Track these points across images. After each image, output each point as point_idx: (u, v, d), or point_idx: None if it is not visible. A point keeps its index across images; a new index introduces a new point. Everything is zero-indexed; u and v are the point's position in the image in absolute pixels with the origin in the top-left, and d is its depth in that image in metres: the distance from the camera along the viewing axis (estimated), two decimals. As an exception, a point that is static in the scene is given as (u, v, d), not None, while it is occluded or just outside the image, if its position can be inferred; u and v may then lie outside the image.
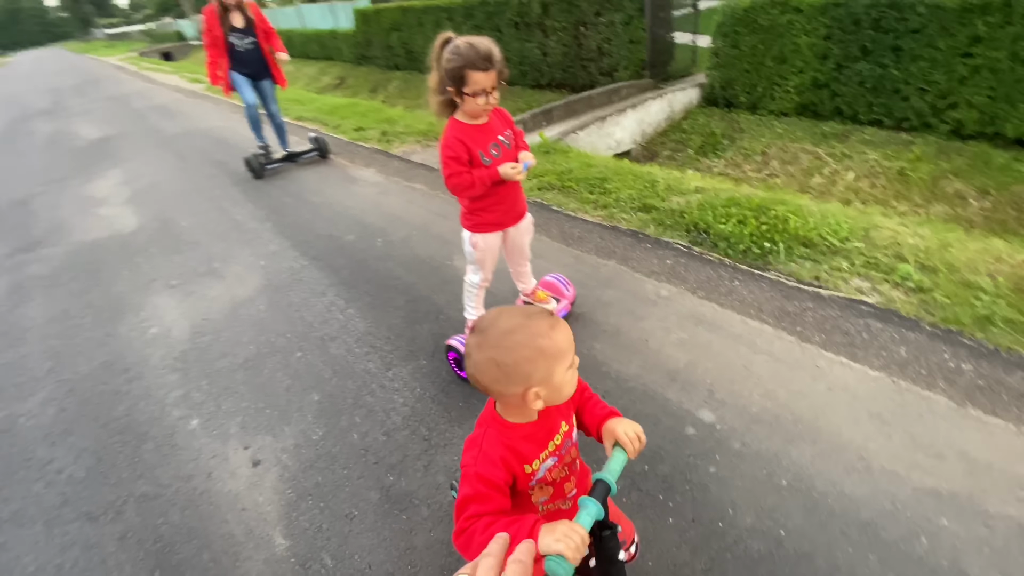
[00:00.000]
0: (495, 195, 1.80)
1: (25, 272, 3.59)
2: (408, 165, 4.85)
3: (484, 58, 1.53)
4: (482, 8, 9.23)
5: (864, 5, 4.90)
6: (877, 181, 4.74)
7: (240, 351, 2.45)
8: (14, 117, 11.41)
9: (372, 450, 1.84)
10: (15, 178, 6.17)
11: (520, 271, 2.19)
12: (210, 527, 1.64)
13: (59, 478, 1.89)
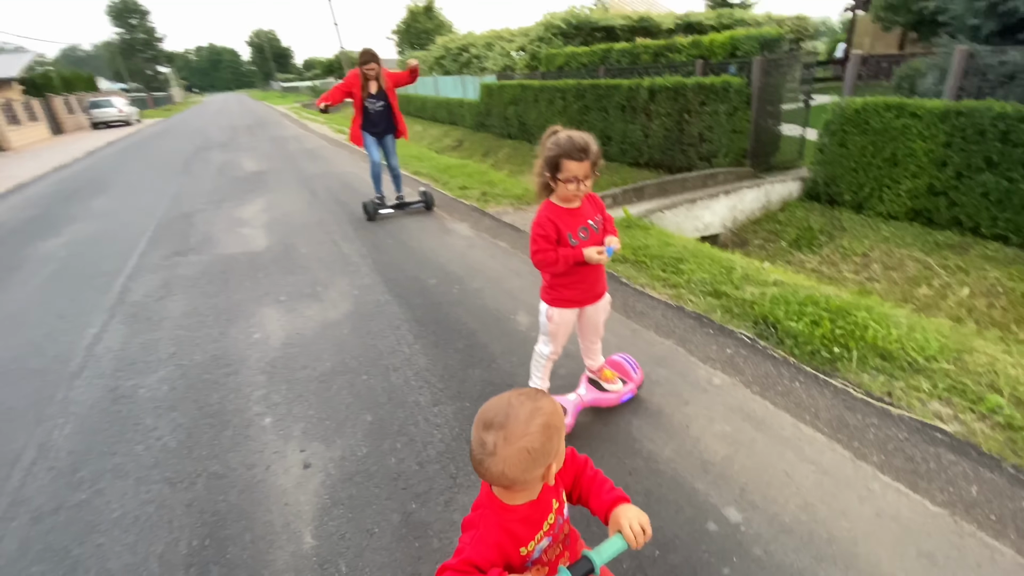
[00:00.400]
0: (577, 274, 1.88)
1: (176, 272, 4.39)
2: (498, 224, 5.25)
3: (579, 150, 1.68)
4: (592, 91, 9.91)
5: (990, 117, 4.60)
6: (997, 301, 4.23)
7: (318, 365, 2.79)
8: (199, 146, 14.02)
9: (404, 476, 2.00)
10: (188, 196, 7.56)
11: (591, 347, 2.22)
12: (257, 513, 1.88)
13: (156, 444, 2.27)
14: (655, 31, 16.95)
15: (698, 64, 8.17)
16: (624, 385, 2.26)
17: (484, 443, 0.83)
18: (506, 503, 0.91)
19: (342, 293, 3.72)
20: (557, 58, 13.79)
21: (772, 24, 19.69)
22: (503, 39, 18.96)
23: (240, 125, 19.81)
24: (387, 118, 5.25)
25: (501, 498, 0.91)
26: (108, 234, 5.91)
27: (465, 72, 20.35)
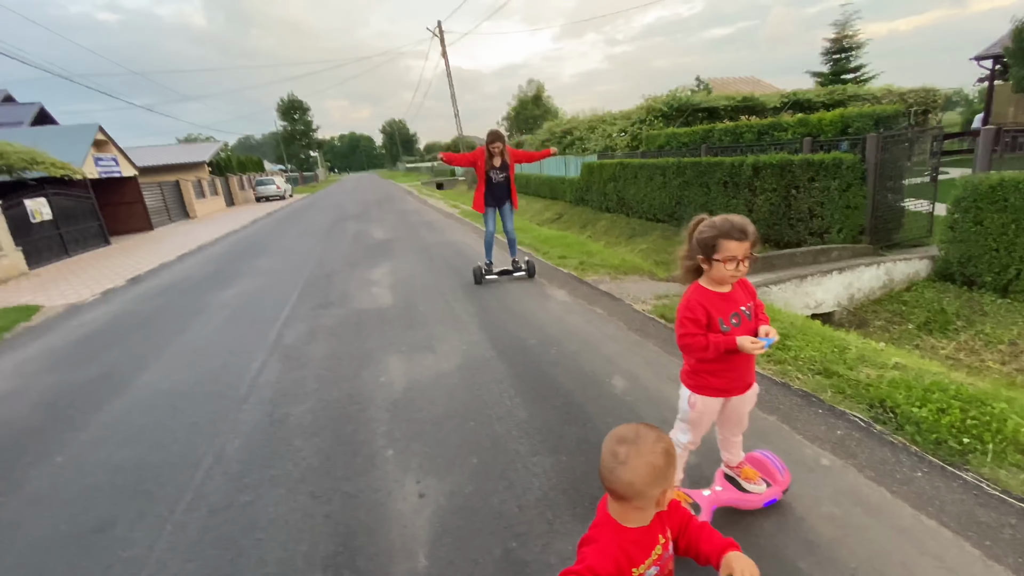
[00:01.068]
0: (727, 362, 1.77)
1: (319, 321, 5.18)
2: (595, 292, 5.49)
3: (739, 230, 1.65)
4: (693, 168, 10.11)
5: None
6: None
7: (432, 409, 3.14)
8: (337, 217, 16.29)
9: (505, 516, 2.18)
10: (328, 259, 8.85)
11: (731, 440, 2.06)
12: (380, 531, 2.17)
13: (302, 463, 2.71)
14: (760, 110, 16.97)
15: (805, 142, 8.08)
16: (768, 487, 2.04)
17: (616, 454, 1.01)
18: (621, 524, 1.06)
19: (453, 347, 4.14)
20: (658, 138, 14.31)
21: (893, 98, 18.75)
22: (605, 122, 20.10)
23: (371, 200, 22.72)
24: (507, 189, 5.89)
25: (617, 519, 1.06)
26: (267, 288, 7.10)
27: (568, 152, 21.69)
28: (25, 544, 2.30)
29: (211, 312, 6.06)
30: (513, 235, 6.22)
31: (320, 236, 12.25)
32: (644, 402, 3.04)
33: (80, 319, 6.50)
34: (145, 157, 23.39)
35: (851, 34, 26.18)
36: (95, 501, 2.56)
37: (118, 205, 17.97)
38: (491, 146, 5.61)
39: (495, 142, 5.61)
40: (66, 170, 13.31)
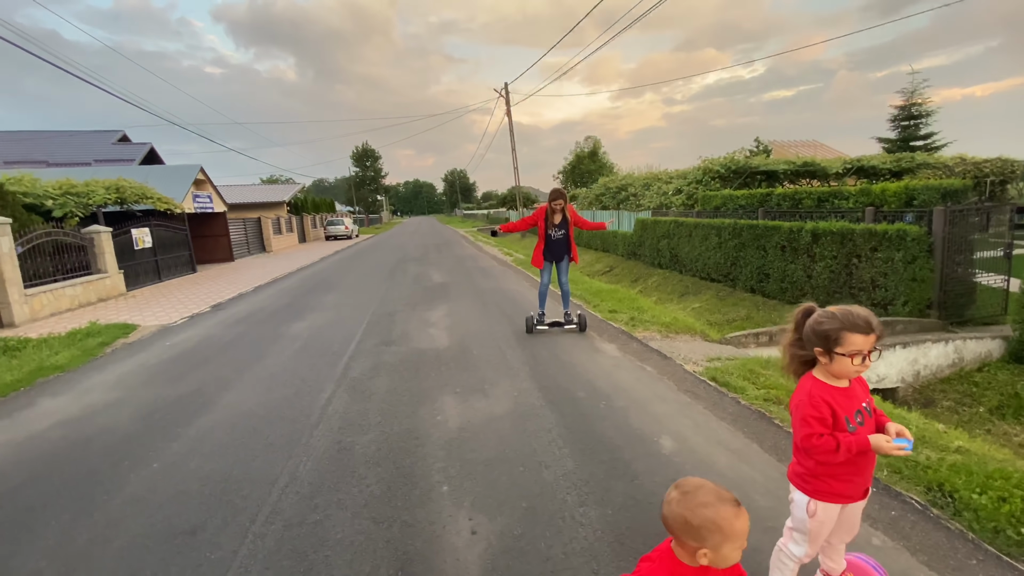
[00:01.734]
0: (855, 464, 1.65)
1: (382, 358, 5.56)
2: (644, 348, 5.58)
3: (865, 321, 1.57)
4: (750, 230, 10.11)
5: None
6: None
7: (484, 451, 3.33)
8: (399, 259, 17.23)
9: (552, 561, 2.31)
10: (391, 299, 9.42)
11: (837, 547, 1.92)
12: (435, 561, 2.35)
13: (366, 490, 2.95)
14: (821, 175, 16.75)
15: (868, 211, 7.98)
16: None
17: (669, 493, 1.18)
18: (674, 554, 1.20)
19: (505, 392, 4.35)
20: (714, 199, 14.40)
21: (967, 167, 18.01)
22: (660, 180, 20.42)
23: (430, 244, 23.87)
24: (565, 246, 6.16)
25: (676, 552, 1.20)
26: (336, 322, 7.65)
27: (622, 208, 22.05)
28: (125, 539, 2.64)
29: (285, 342, 6.61)
30: (567, 288, 6.41)
31: (383, 276, 13.01)
32: (692, 464, 3.10)
33: (171, 339, 7.24)
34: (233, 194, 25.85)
35: (919, 101, 25.63)
36: (186, 506, 2.90)
37: (207, 237, 19.86)
38: (553, 203, 5.92)
39: (557, 199, 5.89)
40: (169, 205, 15.04)
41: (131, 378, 5.48)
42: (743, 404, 3.99)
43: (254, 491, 3.01)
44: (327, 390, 4.64)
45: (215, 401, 4.56)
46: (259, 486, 3.06)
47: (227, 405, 4.45)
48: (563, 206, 5.96)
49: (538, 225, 6.05)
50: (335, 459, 3.34)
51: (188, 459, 3.47)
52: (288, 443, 3.62)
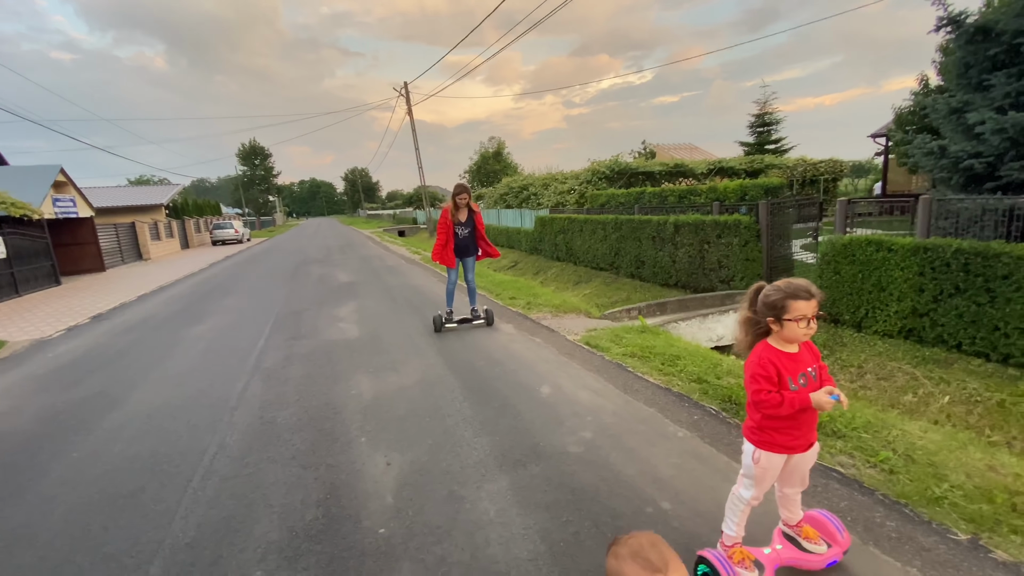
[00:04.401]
0: (794, 419, 1.81)
1: (293, 350, 5.87)
2: (536, 326, 6.47)
3: (806, 290, 1.72)
4: (628, 224, 11.59)
5: (952, 251, 5.53)
6: (974, 409, 4.74)
7: (397, 411, 3.94)
8: (299, 261, 16.83)
9: (451, 472, 2.99)
10: (295, 299, 9.49)
11: (791, 498, 2.09)
12: (358, 484, 2.93)
13: (293, 448, 3.43)
14: (690, 175, 19.22)
15: (715, 205, 9.67)
16: (829, 548, 2.04)
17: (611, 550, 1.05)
18: None
19: (414, 368, 4.96)
20: (599, 197, 15.97)
21: (806, 167, 21.60)
22: (557, 180, 21.96)
23: (333, 245, 23.34)
24: (472, 242, 6.26)
25: None
26: (240, 324, 7.68)
27: (524, 206, 23.31)
28: (65, 509, 2.90)
29: (187, 344, 6.60)
30: (474, 285, 6.57)
31: (285, 279, 12.81)
32: (563, 403, 3.96)
33: (52, 351, 6.84)
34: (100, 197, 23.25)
35: (771, 111, 29.97)
36: (120, 479, 3.18)
37: (72, 245, 17.81)
38: (457, 198, 5.98)
39: (461, 194, 5.97)
40: (25, 210, 13.44)
41: (18, 388, 5.27)
42: (607, 360, 4.97)
43: (185, 461, 3.35)
44: (241, 380, 4.92)
45: (124, 399, 4.64)
46: (190, 456, 3.40)
47: (139, 401, 4.57)
48: (467, 201, 6.02)
49: (448, 226, 6.04)
50: (259, 431, 3.75)
51: (110, 446, 3.67)
52: (211, 423, 3.94)
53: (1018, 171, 6.43)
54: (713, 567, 1.86)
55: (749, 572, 1.88)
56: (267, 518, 2.66)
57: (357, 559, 2.30)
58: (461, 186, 6.02)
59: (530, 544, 2.32)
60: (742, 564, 1.89)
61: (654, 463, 2.99)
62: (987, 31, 7.09)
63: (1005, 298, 5.12)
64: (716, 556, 1.89)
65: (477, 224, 6.23)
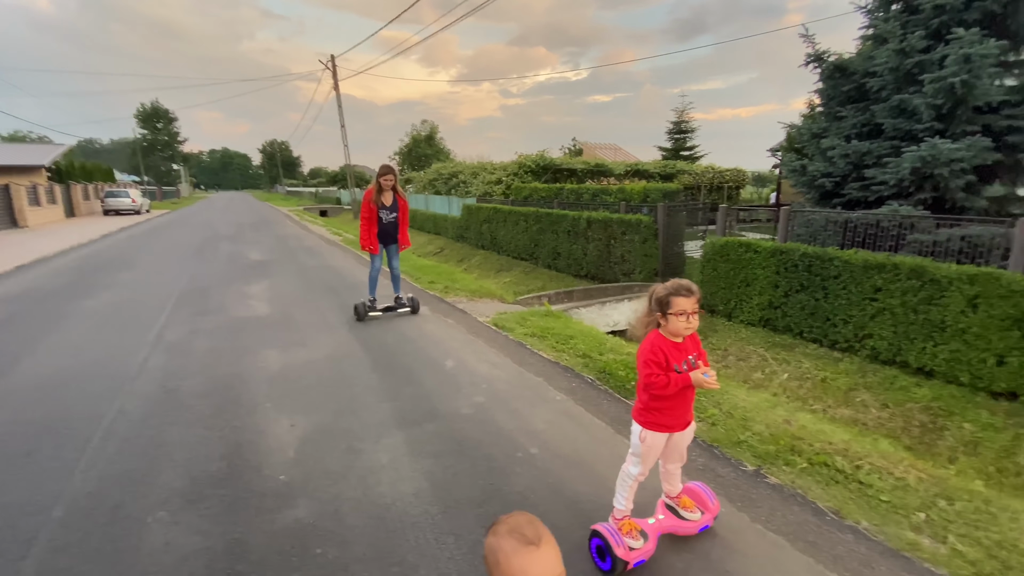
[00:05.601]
0: (674, 401, 2.02)
1: (199, 325, 5.81)
2: (451, 308, 6.85)
3: (687, 288, 1.94)
4: (547, 217, 12.27)
5: (799, 254, 6.63)
6: (804, 384, 5.83)
7: (304, 381, 4.17)
8: (207, 237, 15.88)
9: (351, 431, 3.32)
10: (202, 276, 9.14)
11: (672, 472, 2.31)
12: (262, 441, 3.18)
13: (197, 412, 3.57)
14: (610, 174, 20.42)
15: (621, 205, 10.57)
16: (702, 515, 2.31)
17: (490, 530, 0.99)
18: None
19: (325, 344, 5.16)
20: (524, 190, 16.57)
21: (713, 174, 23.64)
22: (487, 170, 22.34)
23: (245, 222, 22.08)
24: (395, 228, 5.95)
25: None
26: (139, 298, 7.33)
27: (453, 193, 23.45)
28: (-54, 473, 2.88)
29: (78, 318, 6.26)
30: (398, 272, 6.29)
31: (190, 255, 12.14)
32: (463, 374, 4.39)
33: (-90, 322, 6.19)
34: (-38, 154, 20.21)
35: (687, 119, 32.26)
36: (11, 442, 3.17)
37: (-76, 206, 15.47)
38: (382, 179, 5.65)
39: (386, 175, 5.64)
40: None
41: None
42: (510, 338, 5.48)
43: (82, 425, 3.39)
44: (142, 352, 4.87)
45: (9, 370, 4.44)
46: (86, 421, 3.44)
47: (24, 371, 4.41)
48: (393, 183, 5.73)
49: (370, 208, 5.72)
50: (161, 398, 3.83)
51: (-8, 414, 3.58)
52: (109, 392, 3.94)
53: (857, 190, 7.75)
54: (605, 539, 2.04)
55: (635, 541, 2.06)
56: (170, 470, 2.86)
57: (257, 499, 2.59)
58: (386, 167, 5.70)
59: (415, 483, 2.74)
60: (630, 534, 2.08)
61: (532, 420, 3.51)
62: (843, 69, 8.41)
63: (835, 294, 6.26)
64: (607, 529, 2.07)
65: (400, 210, 5.99)
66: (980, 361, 5.09)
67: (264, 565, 2.15)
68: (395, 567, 2.13)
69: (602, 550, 2.07)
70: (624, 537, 2.05)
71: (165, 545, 2.27)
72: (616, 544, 2.00)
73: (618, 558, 1.99)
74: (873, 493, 2.64)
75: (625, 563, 2.00)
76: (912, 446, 4.83)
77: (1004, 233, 5.64)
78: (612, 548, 2.00)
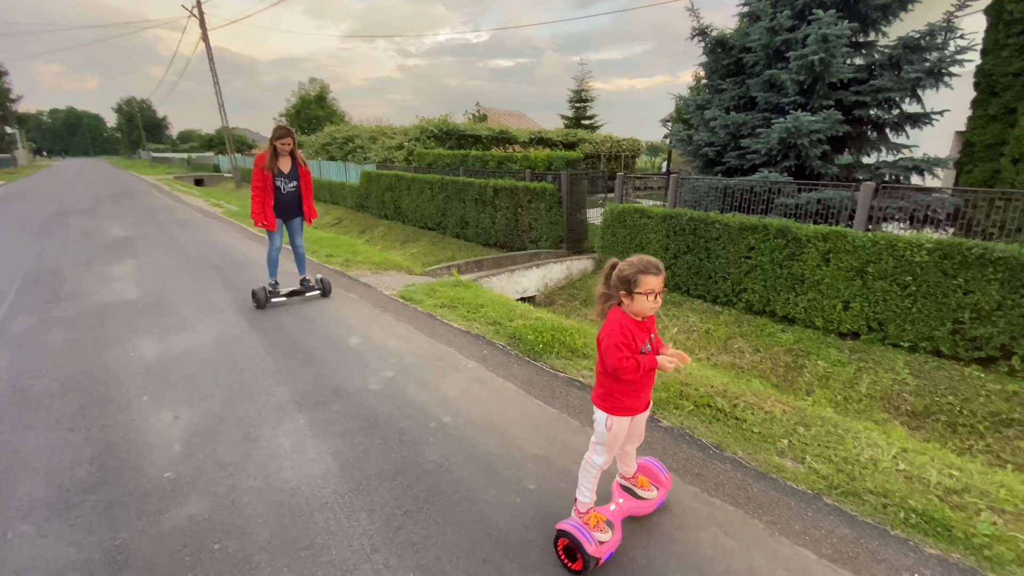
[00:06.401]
0: (639, 384, 1.94)
1: (51, 314, 4.97)
2: (354, 282, 6.54)
3: (655, 266, 1.84)
4: (453, 185, 12.04)
5: (686, 219, 7.20)
6: (691, 336, 6.46)
7: (187, 369, 3.76)
8: (55, 211, 13.53)
9: (247, 419, 3.08)
10: (51, 257, 7.79)
11: (629, 453, 2.25)
12: (139, 439, 2.84)
13: (56, 413, 3.09)
14: (514, 141, 20.46)
15: (527, 173, 10.66)
16: (657, 491, 2.28)
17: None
18: None
19: (209, 328, 4.69)
20: (427, 156, 16.07)
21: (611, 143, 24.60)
22: (385, 135, 21.25)
23: (103, 193, 19.05)
24: (297, 199, 5.21)
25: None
26: (-38, 287, 6.09)
27: (350, 159, 22.07)
28: None
29: None
30: (302, 250, 5.57)
31: (35, 232, 10.27)
32: (370, 350, 4.23)
33: None
34: None
35: (587, 88, 33.04)
36: None
37: None
38: (278, 143, 4.90)
39: (284, 138, 4.89)
40: None
41: None
42: (419, 311, 5.37)
43: None
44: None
45: None
46: (-102, 438, 2.83)
47: None
48: (291, 147, 5.00)
49: (266, 178, 4.96)
50: (11, 399, 3.27)
51: None
52: (-72, 400, 3.26)
53: (735, 158, 8.51)
54: (574, 537, 1.90)
55: (603, 534, 1.96)
56: (29, 480, 2.46)
57: (140, 500, 2.33)
58: (283, 128, 4.94)
59: (322, 465, 2.62)
60: (598, 528, 1.98)
61: (444, 390, 3.50)
62: (723, 44, 9.04)
63: (716, 254, 6.90)
64: (574, 526, 1.94)
65: (302, 178, 5.22)
66: (831, 307, 5.95)
67: (153, 570, 1.95)
68: (303, 551, 2.05)
69: (570, 550, 1.93)
70: (592, 532, 1.94)
71: (32, 561, 1.97)
72: (587, 542, 1.88)
73: (589, 556, 1.87)
74: (747, 427, 3.01)
75: (597, 560, 1.89)
76: (778, 384, 5.58)
77: (851, 196, 6.55)
78: (583, 547, 1.87)
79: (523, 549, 2.07)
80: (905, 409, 4.89)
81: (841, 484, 2.50)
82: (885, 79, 7.32)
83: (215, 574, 1.94)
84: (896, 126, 7.85)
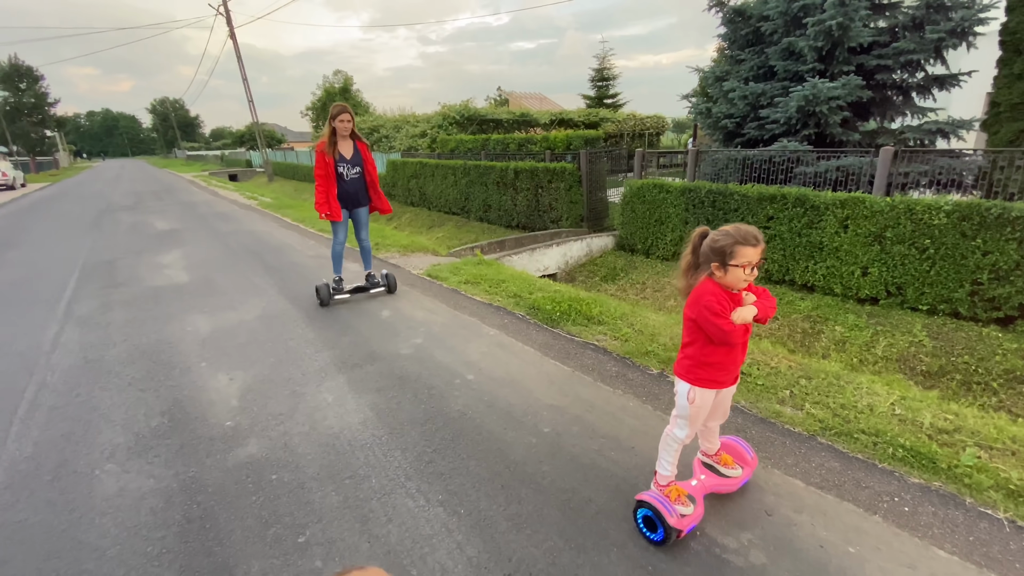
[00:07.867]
0: (730, 355, 1.87)
1: (112, 297, 5.50)
2: (383, 263, 6.89)
3: (754, 236, 1.70)
4: (476, 169, 12.27)
5: (705, 191, 7.25)
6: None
7: (238, 340, 4.17)
8: (103, 209, 14.42)
9: (293, 379, 3.45)
10: (105, 248, 8.44)
11: (712, 429, 2.18)
12: (202, 396, 3.23)
13: (127, 377, 3.52)
14: (535, 124, 20.47)
15: (547, 154, 10.80)
16: (742, 471, 2.20)
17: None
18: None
19: (254, 306, 5.10)
20: (450, 143, 16.31)
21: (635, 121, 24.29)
22: (409, 123, 21.58)
23: (144, 191, 20.10)
24: (363, 187, 4.79)
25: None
26: (33, 276, 6.72)
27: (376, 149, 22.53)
28: None
29: (-37, 300, 5.69)
30: (367, 244, 5.20)
31: (86, 228, 11.05)
32: (400, 321, 4.56)
33: None
34: None
35: (609, 66, 32.48)
36: (-86, 427, 3.01)
37: None
38: (336, 122, 4.46)
39: (341, 115, 4.46)
40: None
41: None
42: (444, 287, 5.68)
43: (2, 399, 3.26)
44: (52, 328, 4.59)
45: None
46: (7, 396, 3.31)
47: (-87, 358, 4.05)
48: (351, 128, 4.55)
49: (328, 164, 4.54)
50: (84, 368, 3.72)
51: None
52: (24, 367, 3.76)
53: (754, 129, 8.46)
54: (655, 508, 1.89)
55: (685, 507, 1.94)
56: (109, 430, 2.88)
57: (207, 443, 2.70)
58: (341, 106, 4.49)
59: (361, 415, 2.95)
60: (679, 501, 1.96)
61: (468, 353, 3.79)
62: (742, 13, 8.91)
63: (733, 226, 6.95)
64: (655, 498, 1.91)
65: (366, 163, 4.76)
66: (849, 274, 5.98)
67: (223, 493, 2.32)
68: (348, 479, 2.38)
69: (651, 520, 1.92)
70: (674, 504, 1.92)
71: (119, 491, 2.36)
72: (668, 513, 1.86)
73: (671, 527, 1.85)
74: (752, 380, 3.19)
75: (678, 531, 1.87)
76: (795, 349, 5.67)
77: (870, 162, 6.49)
78: (664, 518, 1.86)
79: (536, 478, 2.35)
80: (920, 369, 4.93)
81: (836, 426, 2.68)
82: (907, 41, 7.14)
83: (275, 496, 2.29)
84: (922, 89, 7.65)
